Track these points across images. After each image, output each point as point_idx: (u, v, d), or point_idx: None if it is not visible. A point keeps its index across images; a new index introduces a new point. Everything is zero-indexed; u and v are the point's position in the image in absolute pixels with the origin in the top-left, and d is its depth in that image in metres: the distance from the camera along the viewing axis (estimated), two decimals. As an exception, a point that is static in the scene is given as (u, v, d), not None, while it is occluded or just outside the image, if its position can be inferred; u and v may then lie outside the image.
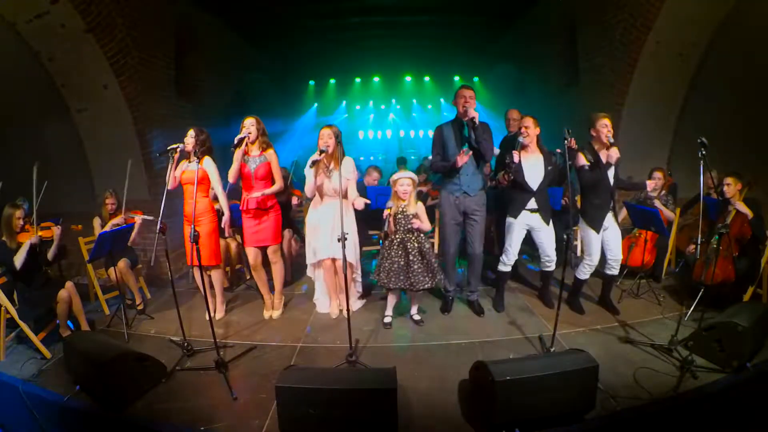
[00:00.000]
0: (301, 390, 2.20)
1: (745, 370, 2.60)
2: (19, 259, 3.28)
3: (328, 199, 3.52)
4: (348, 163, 3.48)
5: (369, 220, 4.50)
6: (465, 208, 3.53)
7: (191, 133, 3.45)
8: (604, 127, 3.32)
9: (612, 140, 3.28)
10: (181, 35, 5.24)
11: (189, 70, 5.47)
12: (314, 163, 3.41)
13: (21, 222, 3.40)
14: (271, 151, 3.55)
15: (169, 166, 3.34)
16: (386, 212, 3.27)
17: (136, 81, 4.44)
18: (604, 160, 3.32)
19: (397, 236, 3.34)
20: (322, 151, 3.37)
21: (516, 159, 3.33)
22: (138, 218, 4.15)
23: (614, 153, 3.27)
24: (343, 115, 12.66)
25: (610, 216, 3.48)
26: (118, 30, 4.16)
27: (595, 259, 3.52)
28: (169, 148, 3.11)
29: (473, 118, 3.29)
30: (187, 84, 5.43)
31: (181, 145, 3.18)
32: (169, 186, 3.41)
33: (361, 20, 7.23)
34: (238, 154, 3.42)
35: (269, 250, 3.64)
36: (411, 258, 3.29)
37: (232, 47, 6.98)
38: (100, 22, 3.98)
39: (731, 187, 3.62)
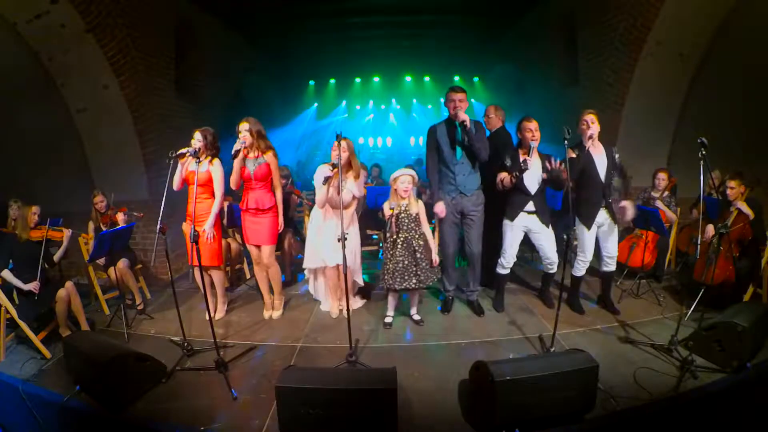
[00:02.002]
0: (301, 390, 2.19)
1: (745, 370, 2.61)
2: (3, 275, 3.29)
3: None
4: (361, 176, 3.51)
5: (367, 220, 4.50)
6: (462, 208, 3.53)
7: (198, 135, 3.43)
8: (584, 123, 3.34)
9: (584, 143, 3.29)
10: (181, 35, 5.23)
11: (189, 70, 5.46)
12: (326, 179, 3.32)
13: (36, 218, 3.61)
14: (270, 154, 3.51)
15: (178, 167, 3.37)
16: (388, 213, 3.23)
17: (136, 81, 4.43)
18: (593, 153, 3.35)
19: (400, 236, 3.31)
20: (334, 165, 3.26)
21: (530, 165, 3.26)
22: (121, 215, 4.15)
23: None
24: (343, 115, 12.66)
25: (605, 213, 3.47)
26: (118, 30, 4.15)
27: (588, 255, 3.54)
28: (179, 152, 3.10)
29: (464, 121, 3.27)
30: (187, 84, 5.42)
31: (190, 150, 3.16)
32: (176, 187, 3.43)
33: (361, 20, 7.22)
34: (237, 163, 3.42)
35: (264, 252, 3.63)
36: (419, 256, 3.29)
37: (232, 47, 6.97)
38: (100, 22, 3.97)
39: (734, 190, 3.63)
